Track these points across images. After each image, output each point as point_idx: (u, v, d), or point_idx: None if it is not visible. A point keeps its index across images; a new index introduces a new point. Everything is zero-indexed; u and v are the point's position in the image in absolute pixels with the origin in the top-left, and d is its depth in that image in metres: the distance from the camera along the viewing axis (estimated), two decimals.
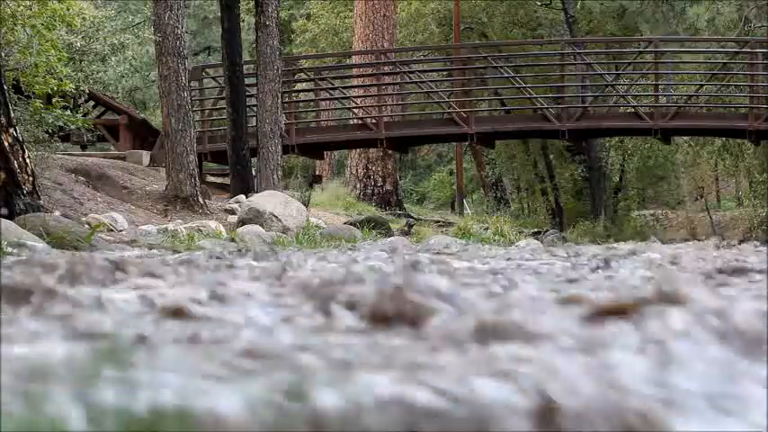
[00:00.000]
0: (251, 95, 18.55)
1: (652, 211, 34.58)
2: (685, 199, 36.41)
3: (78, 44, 14.49)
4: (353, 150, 24.30)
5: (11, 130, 8.21)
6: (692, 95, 20.80)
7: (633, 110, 20.64)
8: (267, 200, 13.11)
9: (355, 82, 23.81)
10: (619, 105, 21.41)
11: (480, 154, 33.19)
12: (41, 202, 8.67)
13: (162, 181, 15.71)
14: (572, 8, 29.86)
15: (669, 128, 20.33)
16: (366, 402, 0.96)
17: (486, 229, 15.97)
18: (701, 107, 21.08)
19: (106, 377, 1.02)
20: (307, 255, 5.17)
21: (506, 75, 21.91)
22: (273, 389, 0.99)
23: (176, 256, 5.07)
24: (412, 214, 23.51)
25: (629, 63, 22.03)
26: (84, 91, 14.71)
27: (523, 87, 22.00)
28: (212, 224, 12.03)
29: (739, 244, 7.42)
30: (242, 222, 12.46)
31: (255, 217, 12.44)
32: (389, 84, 22.19)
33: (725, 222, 33.31)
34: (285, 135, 19.01)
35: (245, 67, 18.02)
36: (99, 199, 13.97)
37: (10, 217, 7.58)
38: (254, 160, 17.39)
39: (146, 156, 19.88)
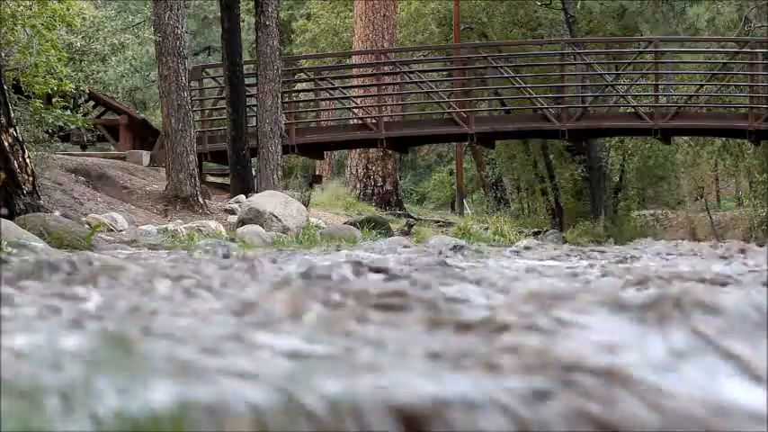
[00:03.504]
0: (251, 95, 18.54)
1: (652, 211, 34.59)
2: (685, 199, 36.40)
3: (78, 44, 14.48)
4: (353, 150, 24.30)
5: (11, 130, 8.21)
6: (692, 95, 20.79)
7: (633, 110, 20.63)
8: (267, 200, 13.11)
9: (355, 82, 23.81)
10: (619, 105, 21.40)
11: (480, 154, 33.18)
12: (41, 202, 8.67)
13: (162, 181, 15.71)
14: (572, 8, 29.85)
15: (669, 128, 20.33)
16: None
17: (486, 229, 15.97)
18: (701, 107, 21.07)
19: None
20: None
21: (506, 75, 21.90)
22: None
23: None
24: (412, 214, 23.50)
25: (629, 63, 22.02)
26: (84, 91, 14.71)
27: (523, 87, 21.99)
28: (212, 224, 12.03)
29: None
30: (242, 222, 12.46)
31: (255, 217, 12.44)
32: (389, 84, 22.18)
33: (725, 222, 33.32)
34: (285, 135, 19.01)
35: (245, 67, 18.01)
36: (99, 199, 13.97)
37: (10, 217, 7.58)
38: (254, 160, 17.39)
39: (146, 156, 19.87)
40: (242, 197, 15.13)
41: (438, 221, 22.21)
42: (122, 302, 1.66)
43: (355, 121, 22.62)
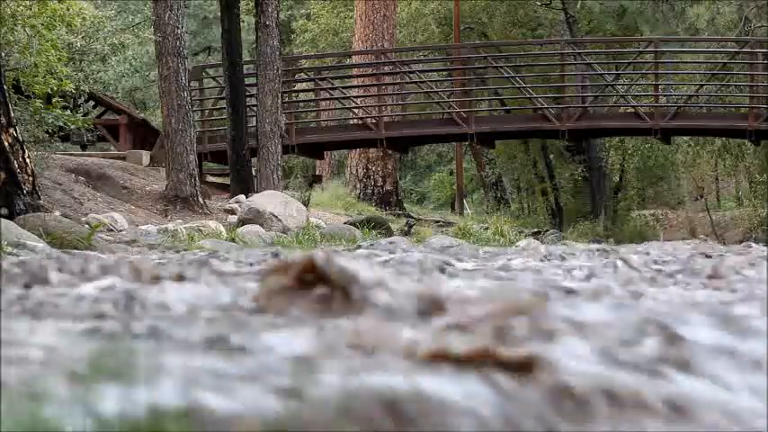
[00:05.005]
0: (251, 95, 18.54)
1: (652, 211, 34.56)
2: (685, 199, 36.38)
3: (78, 44, 14.49)
4: (353, 150, 24.29)
5: (11, 130, 8.20)
6: (692, 95, 20.79)
7: (633, 110, 20.63)
8: (267, 200, 13.10)
9: (355, 82, 23.81)
10: (619, 105, 21.40)
11: (480, 154, 33.16)
12: (41, 202, 8.66)
13: (162, 181, 15.71)
14: (572, 8, 29.85)
15: (669, 128, 20.32)
16: None
17: (486, 229, 15.95)
18: (701, 107, 21.07)
19: None
20: None
21: (506, 75, 21.90)
22: None
23: None
24: (412, 214, 23.46)
25: (629, 63, 22.02)
26: (84, 91, 14.73)
27: (523, 87, 21.98)
28: (212, 224, 12.02)
29: None
30: (242, 222, 12.45)
31: (255, 217, 12.44)
32: (389, 84, 22.18)
33: (725, 222, 33.29)
34: (285, 135, 19.00)
35: (245, 67, 18.01)
36: (99, 199, 13.97)
37: (10, 217, 7.58)
38: (254, 160, 17.39)
39: (146, 156, 19.88)
40: (242, 197, 15.13)
41: (438, 221, 22.18)
42: None
43: (355, 121, 22.62)
